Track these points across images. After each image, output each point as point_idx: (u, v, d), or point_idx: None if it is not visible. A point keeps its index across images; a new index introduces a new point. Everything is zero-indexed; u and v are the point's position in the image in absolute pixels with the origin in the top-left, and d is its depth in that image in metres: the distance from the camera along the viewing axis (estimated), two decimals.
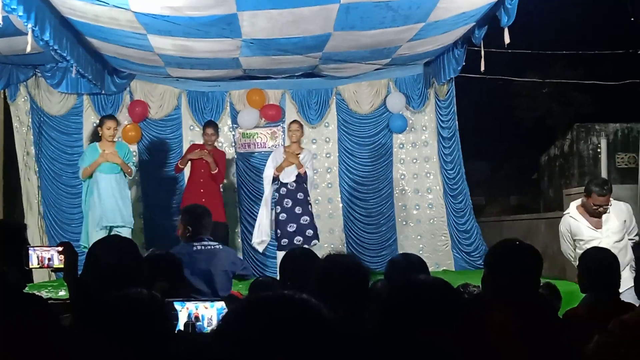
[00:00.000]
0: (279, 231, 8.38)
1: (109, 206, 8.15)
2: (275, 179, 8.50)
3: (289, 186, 8.42)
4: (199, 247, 5.06)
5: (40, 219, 9.78)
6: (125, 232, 8.14)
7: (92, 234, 8.03)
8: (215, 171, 8.73)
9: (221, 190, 9.20)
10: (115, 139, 8.45)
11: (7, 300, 2.85)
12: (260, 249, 8.69)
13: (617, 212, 6.20)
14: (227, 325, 1.34)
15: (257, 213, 9.06)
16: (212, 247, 5.12)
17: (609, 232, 6.17)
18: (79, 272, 3.47)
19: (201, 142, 9.27)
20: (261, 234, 8.55)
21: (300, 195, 8.41)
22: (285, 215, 8.34)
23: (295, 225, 8.30)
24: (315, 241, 8.35)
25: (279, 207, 8.42)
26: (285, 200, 8.39)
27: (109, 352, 2.39)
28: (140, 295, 2.56)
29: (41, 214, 9.81)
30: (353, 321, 2.64)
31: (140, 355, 2.41)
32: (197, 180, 8.85)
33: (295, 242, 8.16)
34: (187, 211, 5.39)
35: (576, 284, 4.36)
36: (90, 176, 8.27)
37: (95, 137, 9.34)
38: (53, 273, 8.61)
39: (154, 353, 2.44)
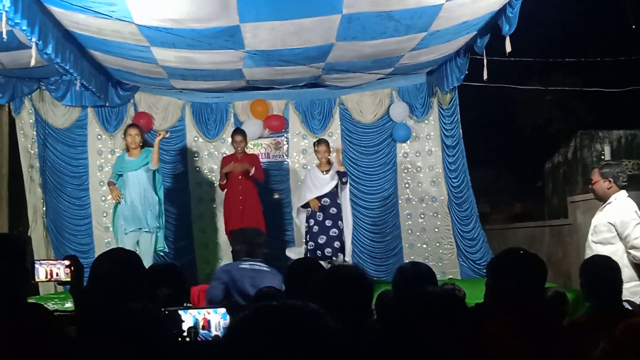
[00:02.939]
0: (312, 243, 8.59)
1: (133, 210, 8.13)
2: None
3: (322, 202, 8.65)
4: (245, 266, 5.61)
5: (45, 232, 9.80)
6: (148, 238, 8.16)
7: (121, 237, 8.16)
8: (252, 172, 8.80)
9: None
10: (134, 146, 8.23)
11: (9, 310, 2.87)
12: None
13: (607, 212, 5.78)
14: (233, 334, 1.34)
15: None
16: (259, 267, 5.62)
17: (591, 228, 5.89)
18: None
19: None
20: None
21: (333, 210, 8.66)
22: (317, 227, 8.60)
23: (325, 237, 8.55)
24: (340, 254, 8.56)
25: (312, 220, 8.67)
26: (318, 214, 8.63)
27: None
28: (134, 309, 2.57)
29: (46, 227, 9.83)
30: (356, 331, 2.64)
31: None
32: (235, 189, 8.84)
33: (326, 253, 8.49)
34: (237, 234, 5.63)
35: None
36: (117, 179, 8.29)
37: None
38: (60, 285, 8.65)
39: None
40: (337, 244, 8.55)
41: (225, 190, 8.97)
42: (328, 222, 8.58)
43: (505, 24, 7.07)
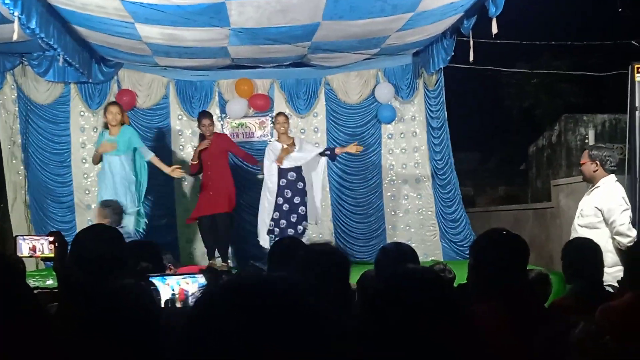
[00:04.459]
0: (284, 221, 8.49)
1: (114, 191, 8.06)
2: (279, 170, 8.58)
3: (289, 176, 8.52)
4: None
5: (27, 208, 9.73)
6: (130, 219, 8.07)
7: None
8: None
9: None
10: (115, 123, 8.16)
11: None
12: (267, 245, 8.58)
13: (595, 196, 5.77)
14: (202, 308, 1.23)
15: (244, 201, 9.58)
16: None
17: (578, 212, 5.91)
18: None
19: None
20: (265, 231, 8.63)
21: (299, 185, 8.57)
22: (287, 205, 8.50)
23: (296, 216, 8.49)
24: (304, 234, 8.50)
25: (280, 198, 8.53)
26: (286, 190, 8.52)
27: (96, 338, 2.39)
28: (128, 287, 2.56)
29: (27, 203, 9.76)
30: (334, 308, 2.63)
31: (129, 345, 2.41)
32: (205, 174, 8.85)
33: (297, 231, 8.41)
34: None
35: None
36: (101, 159, 8.24)
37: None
38: (41, 262, 8.62)
39: (142, 342, 2.44)
40: (304, 223, 8.54)
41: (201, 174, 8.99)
42: (297, 199, 8.51)
43: (492, 6, 7.04)
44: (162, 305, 3.08)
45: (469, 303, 2.87)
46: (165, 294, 3.11)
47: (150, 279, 3.11)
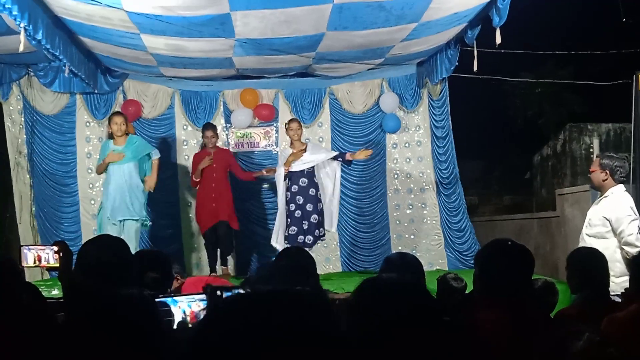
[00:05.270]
0: (294, 228, 8.53)
1: (118, 199, 8.08)
2: (287, 176, 8.62)
3: (300, 183, 8.55)
4: None
5: (33, 218, 9.75)
6: (133, 225, 8.10)
7: (105, 226, 8.05)
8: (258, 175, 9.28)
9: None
10: (120, 134, 8.18)
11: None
12: (280, 248, 8.64)
13: (603, 206, 5.76)
14: (205, 329, 1.24)
15: (249, 210, 9.68)
16: None
17: (586, 221, 5.89)
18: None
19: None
20: (280, 235, 8.70)
21: (312, 192, 8.61)
22: (300, 212, 8.53)
23: (307, 223, 8.53)
24: (319, 242, 8.57)
25: (292, 204, 8.57)
26: (298, 197, 8.56)
27: (102, 348, 2.40)
28: (131, 296, 2.57)
29: (33, 214, 9.78)
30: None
31: (131, 352, 2.42)
32: (208, 186, 8.89)
33: (307, 241, 8.45)
34: None
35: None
36: (106, 169, 8.25)
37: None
38: (46, 272, 8.64)
39: (144, 350, 2.45)
40: (317, 231, 8.56)
41: (198, 187, 9.07)
42: (309, 207, 8.54)
43: (496, 16, 7.06)
44: (175, 327, 3.10)
45: (474, 312, 2.88)
46: (177, 316, 3.13)
47: (163, 301, 3.12)
